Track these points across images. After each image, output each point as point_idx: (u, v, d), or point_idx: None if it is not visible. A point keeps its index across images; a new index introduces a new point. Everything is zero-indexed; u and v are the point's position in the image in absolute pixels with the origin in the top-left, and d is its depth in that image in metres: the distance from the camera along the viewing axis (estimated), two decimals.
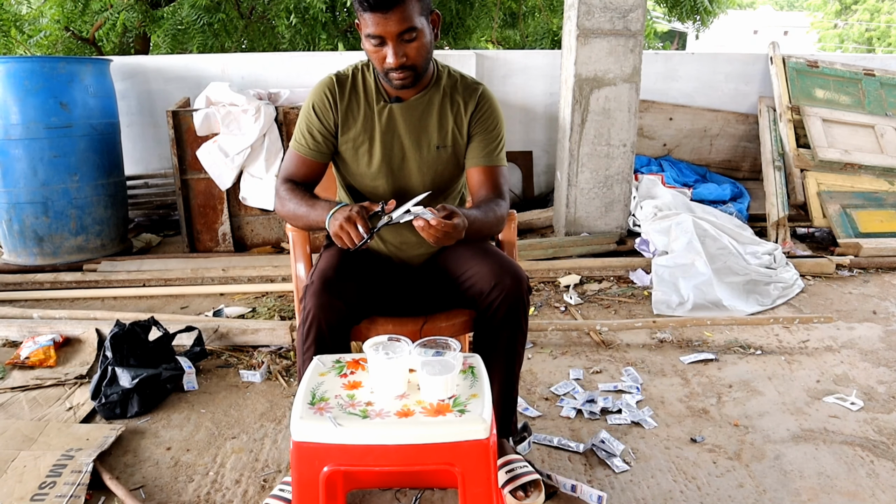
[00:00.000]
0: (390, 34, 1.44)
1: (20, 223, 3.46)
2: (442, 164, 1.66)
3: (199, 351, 2.37)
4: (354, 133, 1.63)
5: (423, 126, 1.63)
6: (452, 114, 1.64)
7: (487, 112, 1.65)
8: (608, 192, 3.75)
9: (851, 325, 2.74)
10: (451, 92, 1.65)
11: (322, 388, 1.28)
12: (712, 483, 1.70)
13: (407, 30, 1.44)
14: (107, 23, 5.59)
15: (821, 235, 3.90)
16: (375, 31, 1.43)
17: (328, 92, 1.62)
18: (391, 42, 1.45)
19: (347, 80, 1.63)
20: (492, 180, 1.65)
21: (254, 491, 1.68)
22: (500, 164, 1.67)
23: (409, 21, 1.43)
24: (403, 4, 1.41)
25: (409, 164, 1.65)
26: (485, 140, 1.65)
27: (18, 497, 1.58)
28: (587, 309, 2.95)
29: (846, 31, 26.56)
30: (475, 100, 1.65)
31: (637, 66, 3.57)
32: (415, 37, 1.46)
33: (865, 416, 2.02)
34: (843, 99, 4.39)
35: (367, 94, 1.63)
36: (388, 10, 1.40)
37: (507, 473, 1.55)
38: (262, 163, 3.63)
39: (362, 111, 1.63)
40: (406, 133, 1.63)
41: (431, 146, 1.64)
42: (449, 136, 1.65)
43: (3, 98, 3.28)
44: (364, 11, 1.43)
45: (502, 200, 1.63)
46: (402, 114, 1.62)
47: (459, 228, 1.37)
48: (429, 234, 1.35)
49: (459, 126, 1.65)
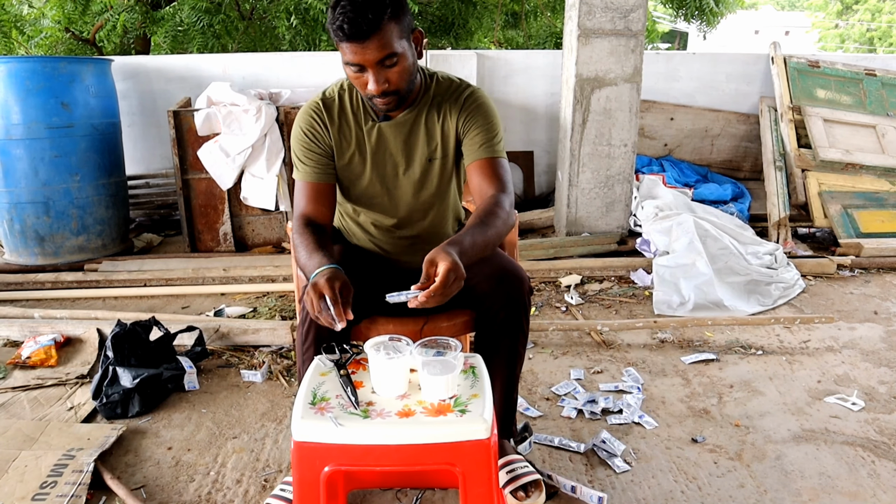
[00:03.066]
0: (369, 62, 1.39)
1: (21, 223, 3.46)
2: (435, 175, 1.63)
3: (200, 351, 2.37)
4: (349, 155, 1.60)
5: (414, 141, 1.60)
6: (440, 122, 1.59)
7: (474, 108, 1.58)
8: (609, 193, 3.75)
9: (852, 326, 2.74)
10: (438, 101, 1.59)
11: (323, 388, 1.28)
12: (713, 483, 1.70)
13: (386, 56, 1.38)
14: (107, 24, 5.59)
15: (822, 235, 3.90)
16: (354, 59, 1.39)
17: (316, 117, 1.58)
18: (371, 69, 1.40)
19: (335, 104, 1.59)
20: (492, 171, 1.55)
21: (255, 491, 1.68)
22: (498, 156, 1.57)
23: (387, 48, 1.38)
24: (380, 31, 1.36)
25: (401, 181, 1.63)
26: (478, 134, 1.57)
27: (20, 496, 1.58)
28: (588, 309, 2.95)
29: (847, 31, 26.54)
30: (461, 101, 1.59)
31: (638, 66, 3.56)
32: (395, 62, 1.40)
33: (866, 417, 2.01)
34: (845, 99, 4.39)
35: (356, 115, 1.59)
36: (365, 39, 1.35)
37: (508, 473, 1.54)
38: (263, 163, 3.63)
39: (353, 133, 1.59)
40: (397, 150, 1.60)
41: (423, 159, 1.61)
42: (439, 146, 1.60)
43: (5, 98, 3.29)
44: (341, 41, 1.38)
45: (503, 194, 1.52)
46: (392, 131, 1.58)
47: (451, 278, 1.24)
48: (430, 303, 1.25)
49: (447, 134, 1.60)
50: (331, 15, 1.38)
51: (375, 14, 1.35)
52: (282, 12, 5.51)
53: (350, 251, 1.72)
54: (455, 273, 1.25)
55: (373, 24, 1.35)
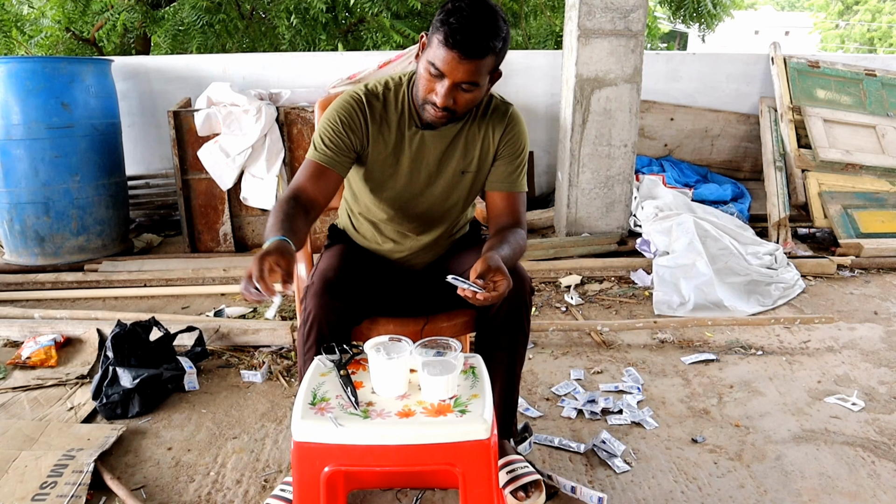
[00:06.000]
0: (453, 78, 1.36)
1: (21, 223, 3.46)
2: (465, 188, 1.63)
3: (199, 351, 2.37)
4: (384, 156, 1.57)
5: (451, 152, 1.58)
6: (481, 138, 1.58)
7: (516, 135, 1.59)
8: (609, 193, 3.75)
9: (852, 326, 2.74)
10: (480, 116, 1.58)
11: (323, 389, 1.28)
12: (713, 483, 1.70)
13: (471, 82, 1.37)
14: (107, 23, 5.59)
15: (822, 236, 3.90)
16: (442, 67, 1.35)
17: (358, 108, 1.52)
18: (449, 83, 1.37)
19: (379, 100, 1.54)
20: (513, 207, 1.60)
21: (255, 491, 1.68)
22: (521, 191, 1.62)
23: (476, 76, 1.36)
24: (482, 60, 1.34)
25: (430, 190, 1.61)
26: (510, 164, 1.59)
27: (20, 497, 1.58)
28: (588, 309, 2.95)
29: (847, 32, 26.55)
30: (504, 122, 1.57)
31: (638, 66, 3.56)
32: (472, 89, 1.39)
33: (867, 417, 2.01)
34: (845, 99, 4.39)
35: (400, 118, 1.54)
36: (466, 58, 1.33)
37: (508, 474, 1.55)
38: (263, 163, 3.63)
39: (393, 134, 1.54)
40: (434, 160, 1.58)
41: (456, 172, 1.59)
42: (475, 161, 1.59)
43: (5, 98, 3.29)
44: (443, 45, 1.33)
45: (521, 230, 1.57)
46: (433, 140, 1.56)
47: (504, 291, 1.32)
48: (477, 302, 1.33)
49: (486, 150, 1.58)
50: (445, 14, 1.33)
51: (488, 41, 1.33)
52: (281, 12, 5.51)
53: (352, 251, 1.71)
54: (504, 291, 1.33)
55: (481, 50, 1.33)
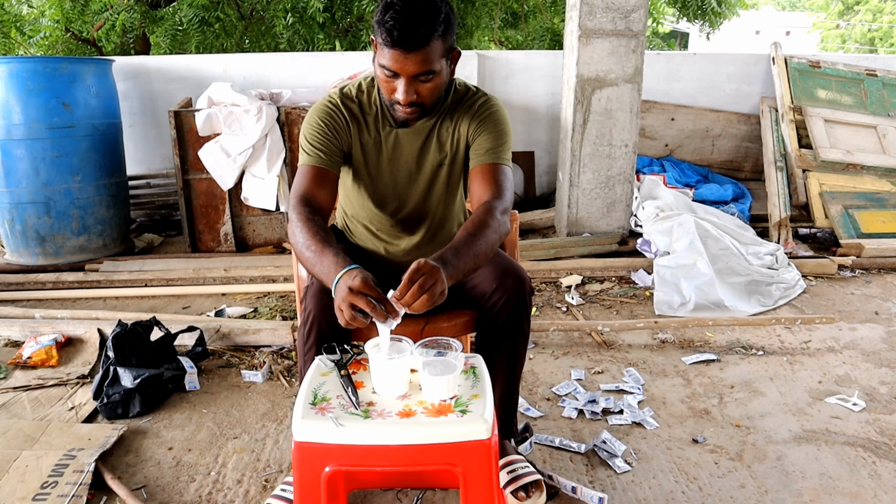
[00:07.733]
0: (406, 73, 1.36)
1: (22, 223, 3.46)
2: (443, 180, 1.63)
3: (200, 351, 2.37)
4: (365, 157, 1.59)
5: (427, 147, 1.59)
6: (453, 128, 1.58)
7: (486, 115, 1.57)
8: (610, 193, 3.75)
9: (853, 326, 2.73)
10: (453, 108, 1.58)
11: (324, 389, 1.28)
12: (714, 484, 1.69)
13: (425, 72, 1.37)
14: (107, 23, 5.59)
15: (823, 236, 3.90)
16: (391, 66, 1.35)
17: (337, 111, 1.54)
18: (404, 79, 1.37)
19: (354, 102, 1.56)
20: (491, 177, 1.52)
21: (255, 491, 1.68)
22: (501, 162, 1.55)
23: (428, 65, 1.35)
24: (427, 48, 1.33)
25: (413, 187, 1.62)
26: (485, 140, 1.56)
27: (20, 497, 1.58)
28: (589, 309, 2.94)
29: (848, 32, 26.52)
30: (475, 108, 1.57)
31: (639, 66, 3.56)
32: (430, 78, 1.39)
33: (867, 417, 2.01)
34: (846, 99, 4.39)
35: (376, 119, 1.56)
36: (410, 51, 1.32)
37: (509, 474, 1.55)
38: (264, 163, 3.63)
39: (372, 136, 1.57)
40: (412, 157, 1.59)
41: (434, 165, 1.60)
42: (449, 152, 1.60)
43: (6, 98, 3.29)
44: (385, 46, 1.34)
45: (497, 200, 1.47)
46: (409, 138, 1.57)
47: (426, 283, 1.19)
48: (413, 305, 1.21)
49: (458, 139, 1.59)
50: (380, 13, 1.34)
51: (427, 29, 1.32)
52: (279, 11, 5.51)
53: (351, 251, 1.72)
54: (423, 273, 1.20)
55: (422, 39, 1.32)
